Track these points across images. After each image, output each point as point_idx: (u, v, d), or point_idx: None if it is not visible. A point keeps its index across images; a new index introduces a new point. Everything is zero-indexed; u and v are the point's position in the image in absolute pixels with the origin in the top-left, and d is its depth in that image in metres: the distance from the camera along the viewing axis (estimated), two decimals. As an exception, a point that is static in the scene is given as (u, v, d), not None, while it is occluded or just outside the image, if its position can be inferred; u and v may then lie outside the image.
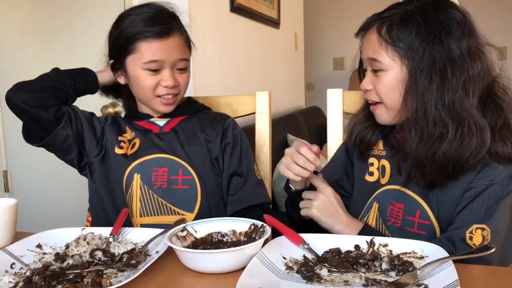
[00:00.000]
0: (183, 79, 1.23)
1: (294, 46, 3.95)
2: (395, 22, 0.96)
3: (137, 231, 1.02)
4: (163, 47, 1.18)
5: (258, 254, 0.83)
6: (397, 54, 0.96)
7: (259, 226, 0.93)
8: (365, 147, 1.11)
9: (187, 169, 1.20)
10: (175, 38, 1.20)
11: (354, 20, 3.10)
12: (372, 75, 1.01)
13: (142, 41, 1.18)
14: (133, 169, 1.20)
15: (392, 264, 0.82)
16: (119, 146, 1.23)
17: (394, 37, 0.96)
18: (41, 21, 2.46)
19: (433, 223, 0.97)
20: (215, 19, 2.47)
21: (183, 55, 1.22)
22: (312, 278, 0.79)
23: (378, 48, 0.98)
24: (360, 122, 1.11)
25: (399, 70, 0.97)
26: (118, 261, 0.90)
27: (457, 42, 0.92)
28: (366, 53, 1.01)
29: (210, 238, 0.96)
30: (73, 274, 0.83)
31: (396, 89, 0.97)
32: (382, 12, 1.01)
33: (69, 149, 1.21)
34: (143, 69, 1.19)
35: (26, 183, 2.57)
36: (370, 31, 1.00)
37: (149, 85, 1.19)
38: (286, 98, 3.75)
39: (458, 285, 0.68)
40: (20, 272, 0.86)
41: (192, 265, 0.85)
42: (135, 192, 1.19)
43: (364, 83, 1.03)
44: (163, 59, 1.18)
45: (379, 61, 0.98)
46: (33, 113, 1.17)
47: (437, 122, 0.92)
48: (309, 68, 4.62)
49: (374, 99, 1.03)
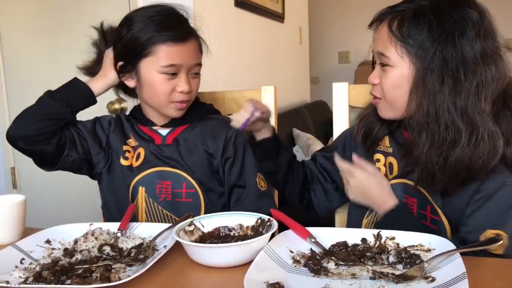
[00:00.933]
0: (196, 85, 1.21)
1: (299, 40, 3.94)
2: (407, 18, 0.93)
3: (145, 226, 1.03)
4: (181, 51, 1.16)
5: (265, 248, 0.84)
6: (406, 51, 0.94)
7: (266, 220, 0.94)
8: (372, 142, 1.09)
9: (191, 182, 1.20)
10: (192, 42, 1.18)
11: (359, 14, 3.10)
12: (380, 69, 1.00)
13: (160, 44, 1.14)
14: (138, 182, 1.21)
15: (399, 257, 0.83)
16: (124, 157, 1.23)
17: (404, 33, 0.93)
18: (46, 18, 2.47)
19: (442, 220, 0.96)
20: (219, 14, 2.47)
21: (198, 60, 1.21)
22: (319, 272, 0.80)
23: (387, 43, 0.96)
24: (367, 116, 1.10)
25: (406, 68, 0.94)
26: (126, 256, 0.91)
27: (471, 44, 0.89)
28: (376, 46, 1.00)
29: (217, 232, 0.96)
30: (82, 269, 0.84)
31: (400, 87, 0.96)
32: (396, 5, 0.98)
33: (80, 167, 1.23)
34: (160, 73, 1.15)
35: (33, 179, 2.58)
36: (382, 24, 0.98)
37: (165, 91, 1.16)
38: (291, 93, 3.74)
39: (466, 277, 0.68)
40: (29, 267, 0.87)
41: (199, 259, 0.85)
42: (140, 205, 1.20)
43: (371, 76, 1.02)
44: (181, 63, 1.15)
45: (387, 56, 0.96)
46: (35, 151, 1.18)
47: (449, 127, 0.89)
48: (314, 62, 4.61)
49: (377, 94, 1.01)
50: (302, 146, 2.89)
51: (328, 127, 3.60)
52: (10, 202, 1.03)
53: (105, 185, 1.25)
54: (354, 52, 4.75)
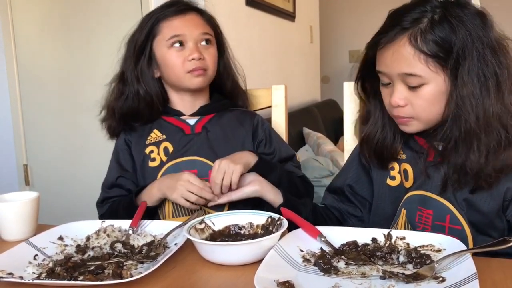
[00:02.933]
0: (209, 54, 1.24)
1: (309, 39, 3.94)
2: (428, 30, 0.88)
3: (156, 224, 1.04)
4: (182, 22, 1.22)
5: (276, 247, 0.84)
6: (439, 65, 0.88)
7: (276, 219, 0.94)
8: (388, 157, 1.04)
9: None
10: (192, 14, 1.24)
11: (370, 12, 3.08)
12: (406, 90, 0.92)
13: (162, 22, 1.22)
14: (166, 171, 1.22)
15: (409, 257, 0.82)
16: (151, 159, 1.24)
17: (432, 47, 0.87)
18: (59, 16, 2.49)
19: (464, 228, 0.93)
20: (230, 13, 2.47)
21: (205, 30, 1.24)
22: (329, 271, 0.80)
23: (414, 61, 0.89)
24: (373, 133, 1.04)
25: (441, 81, 0.89)
26: (138, 253, 0.92)
27: (492, 39, 0.87)
28: (395, 68, 0.91)
29: (227, 230, 0.97)
30: (94, 266, 0.85)
31: (438, 101, 0.91)
32: (398, 21, 0.91)
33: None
34: (168, 47, 1.21)
35: (45, 176, 2.61)
36: (396, 44, 0.90)
37: (178, 63, 1.21)
38: (302, 91, 3.74)
39: (476, 278, 0.68)
40: (43, 263, 0.88)
41: (210, 257, 0.86)
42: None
43: (396, 98, 0.93)
44: (184, 33, 1.21)
45: (418, 75, 0.89)
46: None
47: (502, 132, 0.87)
48: (324, 61, 4.60)
49: (408, 115, 0.94)
50: (312, 145, 2.88)
51: (338, 126, 3.59)
52: (24, 199, 1.05)
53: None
54: (365, 51, 4.73)
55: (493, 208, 0.92)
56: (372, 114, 1.05)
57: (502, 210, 0.93)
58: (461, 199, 0.94)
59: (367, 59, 1.00)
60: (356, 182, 1.13)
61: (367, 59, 1.00)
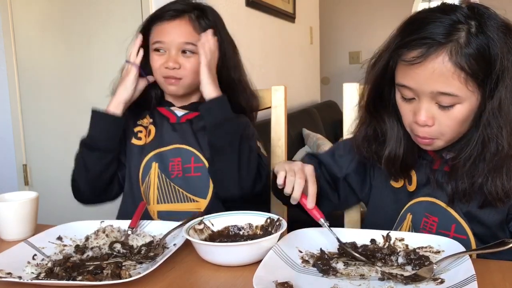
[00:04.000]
0: (189, 63, 1.21)
1: (309, 40, 3.94)
2: (468, 45, 0.81)
3: (155, 224, 1.04)
4: (168, 29, 1.20)
5: (275, 248, 0.84)
6: (477, 84, 0.82)
7: (275, 220, 0.94)
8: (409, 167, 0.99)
9: (198, 156, 1.22)
10: (182, 21, 1.21)
11: (370, 14, 3.08)
12: (435, 109, 0.86)
13: (154, 24, 1.23)
14: (151, 158, 1.23)
15: (408, 258, 0.82)
16: (137, 137, 1.26)
17: (473, 64, 0.81)
18: (59, 17, 2.49)
19: (469, 238, 0.92)
20: (230, 14, 2.48)
21: (189, 39, 1.20)
22: (328, 272, 0.80)
23: (453, 80, 0.82)
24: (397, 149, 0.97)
25: (474, 100, 0.84)
26: (137, 253, 0.92)
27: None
28: (430, 86, 0.84)
29: (226, 231, 0.97)
30: (93, 266, 0.85)
31: (467, 120, 0.86)
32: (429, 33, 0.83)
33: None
34: (152, 50, 1.22)
35: (45, 176, 2.61)
36: (432, 59, 0.82)
37: (155, 66, 1.22)
38: (302, 93, 3.74)
39: (475, 279, 0.68)
40: (41, 263, 0.88)
41: (209, 258, 0.86)
42: (152, 181, 1.22)
43: (425, 117, 0.86)
44: (166, 40, 1.20)
45: (455, 95, 0.83)
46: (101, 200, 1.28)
47: None
48: (324, 62, 4.60)
49: (433, 135, 0.88)
50: (312, 146, 2.88)
51: (338, 128, 3.59)
52: (23, 198, 1.05)
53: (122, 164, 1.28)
54: (365, 52, 4.73)
55: (496, 220, 0.91)
56: (389, 133, 0.97)
57: (505, 222, 0.92)
58: (466, 211, 0.92)
59: (384, 71, 0.92)
60: (350, 176, 1.10)
61: (384, 71, 0.92)
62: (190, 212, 1.19)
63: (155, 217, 1.21)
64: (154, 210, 1.21)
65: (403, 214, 1.00)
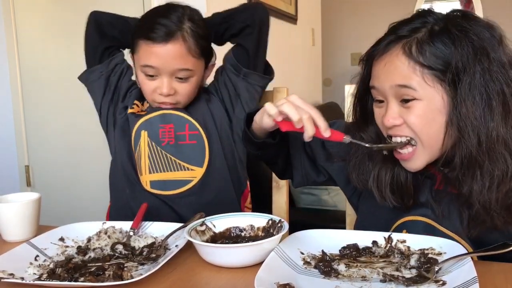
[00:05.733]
0: (184, 89, 1.18)
1: (311, 41, 3.94)
2: (426, 40, 0.81)
3: (157, 226, 1.04)
4: (160, 54, 1.12)
5: (276, 249, 0.84)
6: (437, 78, 0.81)
7: (277, 221, 0.94)
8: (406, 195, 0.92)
9: (193, 124, 1.21)
10: (175, 44, 1.12)
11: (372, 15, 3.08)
12: (399, 106, 0.85)
13: (141, 41, 1.14)
14: (140, 126, 1.22)
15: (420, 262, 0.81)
16: (131, 106, 1.26)
17: (429, 57, 0.80)
18: (62, 18, 2.50)
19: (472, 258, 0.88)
20: (232, 15, 2.48)
21: (184, 65, 1.14)
22: (329, 273, 0.80)
23: (409, 72, 0.81)
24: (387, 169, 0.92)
25: (438, 98, 0.81)
26: (139, 254, 0.92)
27: (503, 57, 0.80)
28: (388, 80, 0.84)
29: (228, 232, 0.97)
30: (95, 267, 0.85)
31: (434, 121, 0.83)
32: (394, 30, 0.85)
33: (119, 76, 1.28)
34: (141, 71, 1.17)
35: (47, 177, 2.61)
36: (390, 55, 0.84)
37: (147, 90, 1.18)
38: (304, 94, 3.74)
39: (477, 281, 0.68)
40: (44, 264, 0.88)
41: (211, 259, 0.86)
42: (143, 149, 1.20)
43: (390, 116, 0.85)
44: (159, 66, 1.13)
45: (412, 88, 0.82)
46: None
47: (508, 160, 0.78)
48: (326, 64, 4.60)
49: (406, 134, 0.85)
50: (314, 147, 2.88)
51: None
52: (25, 200, 1.05)
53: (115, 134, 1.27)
54: (367, 54, 4.73)
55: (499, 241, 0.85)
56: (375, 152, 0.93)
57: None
58: (474, 237, 0.86)
59: (363, 78, 0.91)
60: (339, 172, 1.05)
61: (363, 78, 0.91)
62: (184, 181, 1.19)
63: (148, 188, 1.19)
64: (146, 180, 1.20)
65: (397, 228, 0.95)
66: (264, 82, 1.28)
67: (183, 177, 1.20)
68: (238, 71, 1.23)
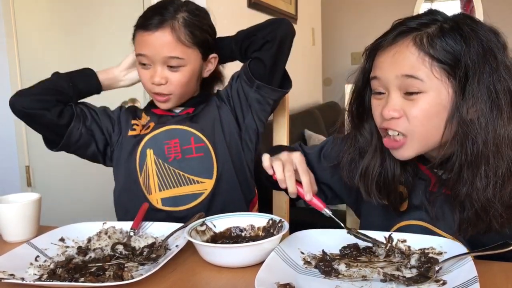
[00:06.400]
0: (175, 78, 1.17)
1: (311, 41, 3.94)
2: (436, 35, 0.81)
3: (157, 226, 1.04)
4: (149, 41, 1.14)
5: (276, 249, 0.84)
6: (444, 72, 0.81)
7: (277, 221, 0.94)
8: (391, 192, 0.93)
9: (198, 136, 1.21)
10: (164, 32, 1.13)
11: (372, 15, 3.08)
12: (402, 99, 0.84)
13: (137, 31, 1.18)
14: (144, 145, 1.21)
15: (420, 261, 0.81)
16: (132, 128, 1.25)
17: (439, 51, 0.80)
18: (62, 16, 2.50)
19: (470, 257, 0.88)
20: (232, 15, 2.48)
21: (173, 53, 1.15)
22: (330, 273, 0.80)
23: (418, 63, 0.81)
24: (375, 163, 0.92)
25: (444, 92, 0.81)
26: (139, 255, 0.92)
27: (508, 62, 0.81)
28: (396, 69, 0.83)
29: (228, 232, 0.97)
30: (95, 267, 0.85)
31: (437, 116, 0.82)
32: (405, 22, 0.86)
33: (87, 144, 1.23)
34: (138, 61, 1.19)
35: (47, 178, 2.61)
36: (399, 45, 0.84)
37: (144, 79, 1.19)
38: (304, 94, 3.74)
39: (477, 281, 0.68)
40: (44, 264, 0.88)
41: (211, 259, 0.86)
42: (150, 168, 1.20)
43: (390, 107, 0.84)
44: (149, 54, 1.15)
45: (419, 79, 0.81)
46: (35, 116, 1.18)
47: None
48: (326, 63, 4.60)
49: (400, 129, 0.85)
50: (314, 147, 2.88)
51: (340, 129, 3.58)
52: (25, 200, 1.05)
53: (115, 163, 1.26)
54: (367, 53, 4.73)
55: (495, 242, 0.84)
56: (368, 142, 0.94)
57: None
58: (470, 238, 0.86)
59: (364, 70, 0.92)
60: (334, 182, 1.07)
61: (364, 70, 0.92)
62: (195, 194, 1.19)
63: (159, 205, 1.19)
64: (157, 198, 1.19)
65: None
66: (277, 95, 1.27)
67: (194, 191, 1.20)
68: (251, 82, 1.23)
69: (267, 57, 1.19)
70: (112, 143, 1.25)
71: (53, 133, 1.21)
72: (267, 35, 1.19)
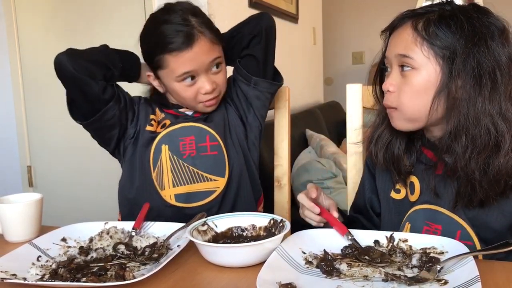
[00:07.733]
0: (220, 79, 1.21)
1: (312, 40, 3.93)
2: (433, 20, 0.89)
3: (159, 226, 1.04)
4: (191, 57, 1.14)
5: (278, 249, 0.84)
6: (433, 52, 0.88)
7: (278, 221, 0.94)
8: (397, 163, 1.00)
9: (213, 134, 1.23)
10: (200, 42, 1.14)
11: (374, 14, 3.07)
12: (398, 75, 0.93)
13: (168, 55, 1.14)
14: (159, 141, 1.22)
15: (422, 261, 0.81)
16: (150, 123, 1.25)
17: (431, 33, 0.88)
18: (63, 18, 2.50)
19: (475, 244, 0.90)
20: (233, 15, 2.48)
21: (214, 55, 1.17)
22: (331, 273, 0.80)
23: (411, 44, 0.89)
24: (383, 135, 1.02)
25: (432, 71, 0.88)
26: (141, 254, 0.92)
27: (501, 49, 0.86)
28: (395, 49, 0.93)
29: (230, 232, 0.97)
30: (97, 267, 0.85)
31: (425, 92, 0.89)
32: (415, 10, 0.94)
33: (112, 127, 1.21)
34: (178, 82, 1.17)
35: (49, 178, 2.62)
36: (401, 28, 0.93)
37: (190, 96, 1.19)
38: (305, 93, 3.74)
39: (479, 280, 0.68)
40: (46, 264, 0.88)
41: (213, 259, 0.86)
42: (165, 164, 1.21)
43: (387, 82, 0.94)
44: (195, 68, 1.15)
45: (410, 57, 0.89)
46: (83, 82, 1.13)
47: (491, 131, 0.84)
48: (328, 63, 4.60)
49: (392, 104, 0.94)
50: (315, 147, 2.88)
51: (341, 128, 3.58)
52: (27, 200, 1.05)
53: (128, 156, 1.25)
54: (368, 53, 4.73)
55: (504, 225, 0.90)
56: (383, 116, 1.02)
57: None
58: (471, 216, 0.91)
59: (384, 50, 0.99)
60: (371, 199, 1.11)
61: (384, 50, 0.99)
62: (208, 192, 1.21)
63: (172, 201, 1.20)
64: (170, 194, 1.20)
65: (402, 224, 1.00)
66: (273, 88, 1.30)
67: (207, 188, 1.21)
68: (248, 80, 1.25)
69: (258, 51, 1.23)
70: (127, 136, 1.24)
71: (90, 106, 1.18)
72: (253, 30, 1.22)
